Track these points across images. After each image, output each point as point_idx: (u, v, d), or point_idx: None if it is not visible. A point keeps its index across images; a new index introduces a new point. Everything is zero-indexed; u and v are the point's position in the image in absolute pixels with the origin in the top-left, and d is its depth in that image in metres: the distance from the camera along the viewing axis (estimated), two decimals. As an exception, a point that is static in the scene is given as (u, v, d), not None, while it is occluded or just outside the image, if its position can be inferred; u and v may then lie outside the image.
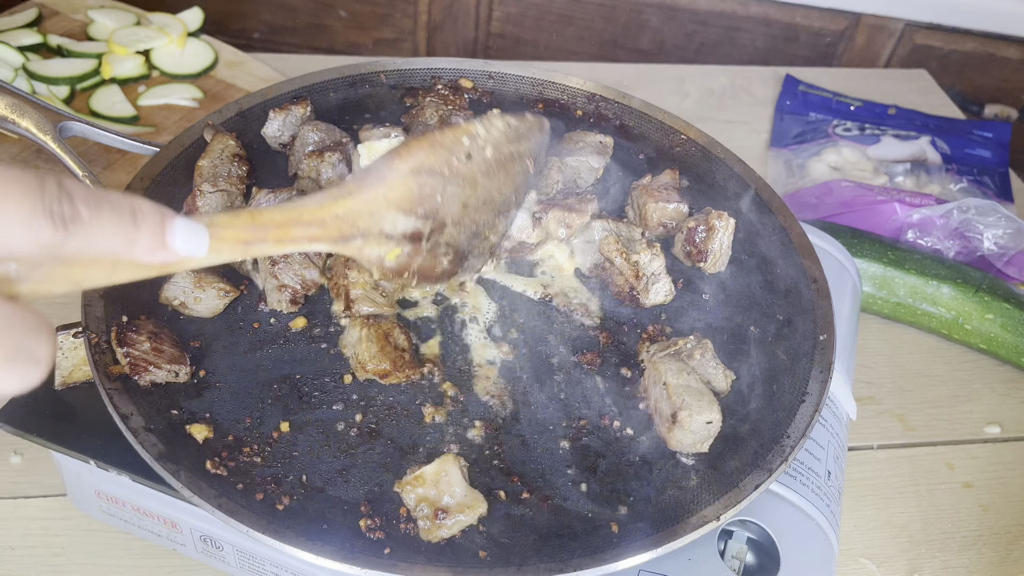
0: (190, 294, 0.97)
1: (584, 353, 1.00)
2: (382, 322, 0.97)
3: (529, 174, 1.00)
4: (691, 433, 0.89)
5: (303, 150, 1.16)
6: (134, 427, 0.84)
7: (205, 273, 0.98)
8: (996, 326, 1.39)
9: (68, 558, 1.03)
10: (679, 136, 1.30)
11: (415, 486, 0.82)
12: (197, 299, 0.97)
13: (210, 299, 0.98)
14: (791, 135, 1.89)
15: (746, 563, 0.95)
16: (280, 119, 1.20)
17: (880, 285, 1.43)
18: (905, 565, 1.13)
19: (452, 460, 0.84)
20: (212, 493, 0.80)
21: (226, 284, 0.99)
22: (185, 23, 1.84)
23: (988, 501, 1.22)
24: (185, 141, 1.16)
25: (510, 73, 1.37)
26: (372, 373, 0.93)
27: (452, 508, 0.81)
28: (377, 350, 0.94)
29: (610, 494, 0.87)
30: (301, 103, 1.21)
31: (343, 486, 0.85)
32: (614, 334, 1.03)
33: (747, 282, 1.11)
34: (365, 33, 2.76)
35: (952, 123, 1.96)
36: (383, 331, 0.96)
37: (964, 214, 1.50)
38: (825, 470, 1.03)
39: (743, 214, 1.19)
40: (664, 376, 0.91)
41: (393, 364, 0.94)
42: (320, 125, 1.19)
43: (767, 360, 1.01)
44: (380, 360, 0.93)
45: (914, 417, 1.34)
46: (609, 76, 2.01)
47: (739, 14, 2.58)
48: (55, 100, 1.63)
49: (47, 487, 1.09)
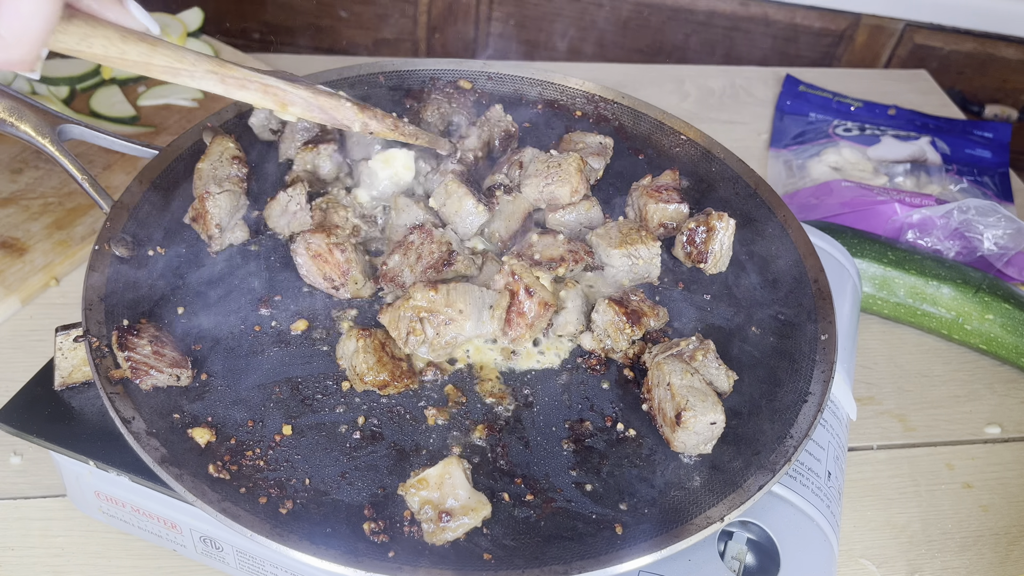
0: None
1: (587, 355, 1.00)
2: (377, 332, 0.95)
3: None
4: (695, 434, 0.89)
5: (294, 138, 1.17)
6: (136, 431, 0.84)
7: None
8: (996, 326, 1.39)
9: (68, 559, 1.03)
10: (679, 136, 1.30)
11: (419, 489, 0.82)
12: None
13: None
14: (791, 135, 1.89)
15: (746, 564, 0.95)
16: (266, 110, 1.20)
17: (880, 285, 1.43)
18: (905, 566, 1.14)
19: (456, 462, 0.84)
20: (216, 497, 0.80)
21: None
22: (185, 23, 1.84)
23: (988, 501, 1.23)
24: (184, 143, 1.16)
25: (510, 73, 1.37)
26: (371, 384, 0.93)
27: (456, 511, 0.81)
28: (375, 361, 0.92)
29: (613, 496, 0.87)
30: None
31: (346, 489, 0.85)
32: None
33: (748, 283, 1.11)
34: (365, 33, 2.76)
35: (952, 123, 1.96)
36: (379, 341, 0.94)
37: (964, 214, 1.50)
38: (825, 471, 1.03)
39: (743, 214, 1.19)
40: (668, 376, 0.91)
41: (391, 374, 0.93)
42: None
43: (769, 360, 1.01)
44: (378, 371, 0.92)
45: (914, 417, 1.34)
46: (609, 76, 2.01)
47: (739, 14, 2.58)
48: (55, 100, 1.63)
49: (47, 487, 1.09)
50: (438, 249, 1.01)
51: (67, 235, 1.40)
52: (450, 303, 0.94)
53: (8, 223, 1.41)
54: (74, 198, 1.46)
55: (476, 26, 2.73)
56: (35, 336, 1.29)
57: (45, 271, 1.35)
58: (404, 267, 1.01)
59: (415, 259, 1.01)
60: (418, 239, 1.02)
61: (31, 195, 1.46)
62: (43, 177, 1.50)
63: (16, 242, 1.38)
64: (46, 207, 1.44)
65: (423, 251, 1.02)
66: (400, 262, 1.02)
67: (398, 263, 1.02)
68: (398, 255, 1.02)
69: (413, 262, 1.01)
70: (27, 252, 1.37)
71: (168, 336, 0.94)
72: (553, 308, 0.98)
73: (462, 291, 0.95)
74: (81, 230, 1.42)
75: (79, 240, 1.40)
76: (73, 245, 1.39)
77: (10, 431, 0.93)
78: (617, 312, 0.99)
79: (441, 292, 0.94)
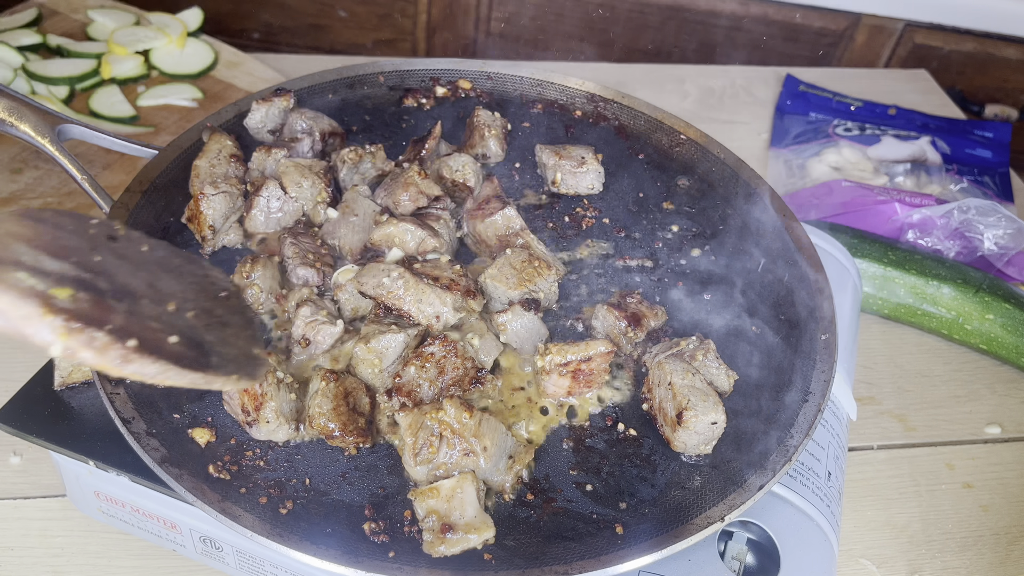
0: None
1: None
2: (347, 379, 0.89)
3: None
4: (695, 434, 0.89)
5: (291, 137, 1.17)
6: (136, 431, 0.84)
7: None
8: (996, 326, 1.39)
9: (68, 559, 1.03)
10: (679, 136, 1.30)
11: (428, 496, 0.82)
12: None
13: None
14: (791, 135, 1.89)
15: (746, 564, 0.95)
16: (263, 110, 1.20)
17: (880, 285, 1.43)
18: (905, 566, 1.14)
19: (471, 480, 0.83)
20: (215, 497, 0.80)
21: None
22: (185, 23, 1.84)
23: (988, 501, 1.22)
24: (184, 143, 1.16)
25: (509, 73, 1.37)
26: (317, 430, 0.86)
27: (459, 526, 0.80)
28: (330, 408, 0.86)
29: (613, 495, 0.87)
30: (284, 95, 1.21)
31: (346, 490, 0.85)
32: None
33: (748, 282, 1.11)
34: (365, 33, 2.76)
35: (952, 123, 1.96)
36: (344, 388, 0.88)
37: (964, 214, 1.50)
38: (825, 471, 1.03)
39: (743, 214, 1.19)
40: (670, 376, 0.91)
41: (343, 426, 0.86)
42: (308, 113, 1.19)
43: (769, 360, 1.01)
44: (330, 418, 0.86)
45: (914, 417, 1.34)
46: (609, 76, 2.01)
47: (739, 14, 2.58)
48: (55, 100, 1.63)
49: (47, 487, 1.09)
50: (463, 365, 0.93)
51: (67, 235, 1.40)
52: (478, 435, 0.85)
53: (8, 223, 1.41)
54: (74, 198, 1.46)
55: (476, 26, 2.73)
56: (35, 336, 1.29)
57: (45, 271, 1.35)
58: (423, 380, 0.91)
59: (436, 373, 0.92)
60: (440, 351, 0.93)
61: (31, 195, 1.46)
62: (43, 177, 1.50)
63: (16, 242, 1.38)
64: (46, 207, 1.44)
65: (446, 365, 0.92)
66: (417, 375, 0.91)
67: (414, 376, 0.91)
68: (414, 367, 0.92)
69: (434, 376, 0.92)
70: (27, 252, 1.37)
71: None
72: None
73: (493, 427, 0.87)
74: (81, 230, 1.41)
75: (79, 240, 1.40)
76: (73, 245, 1.39)
77: (10, 431, 0.93)
78: (617, 316, 0.99)
79: (474, 419, 0.85)
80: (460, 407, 0.85)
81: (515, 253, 1.04)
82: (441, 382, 0.92)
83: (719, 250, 1.15)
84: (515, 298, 1.00)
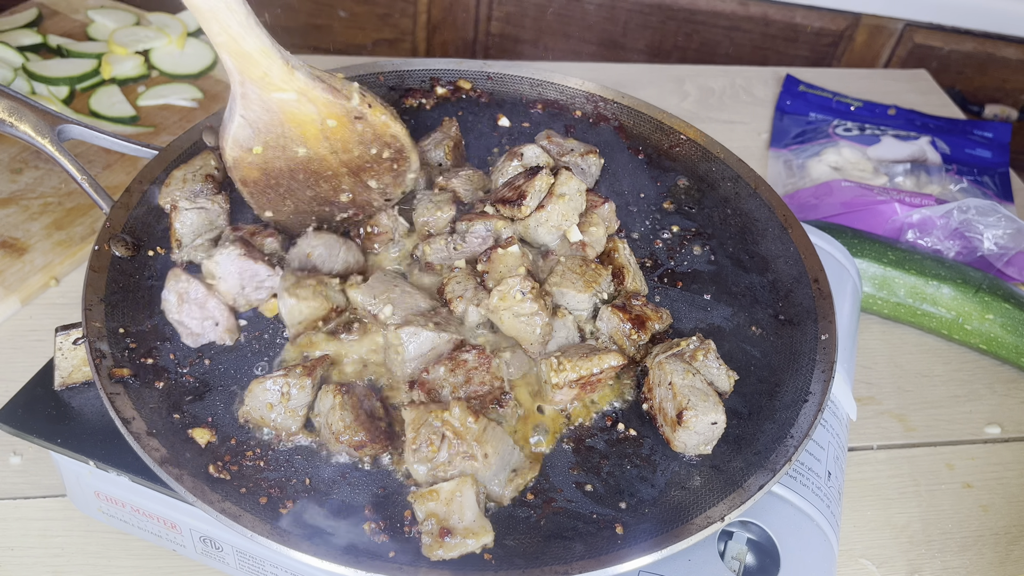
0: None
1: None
2: (356, 388, 0.90)
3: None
4: (696, 434, 0.89)
5: None
6: (136, 431, 0.84)
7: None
8: (996, 326, 1.39)
9: (68, 559, 1.03)
10: (679, 136, 1.30)
11: (427, 499, 0.82)
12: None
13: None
14: (791, 135, 1.89)
15: (746, 564, 0.95)
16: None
17: (880, 285, 1.43)
18: (905, 566, 1.14)
19: (471, 483, 0.82)
20: (216, 498, 0.80)
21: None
22: (185, 23, 1.84)
23: (988, 501, 1.23)
24: (184, 144, 1.16)
25: (509, 73, 1.37)
26: (347, 445, 0.86)
27: (458, 530, 0.80)
28: (352, 419, 0.86)
29: (613, 495, 0.87)
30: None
31: (346, 490, 0.85)
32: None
33: (748, 282, 1.11)
34: (364, 33, 2.76)
35: (952, 123, 1.96)
36: (357, 398, 0.88)
37: (964, 214, 1.50)
38: (825, 471, 1.03)
39: (743, 214, 1.19)
40: (670, 376, 0.91)
41: (369, 434, 0.86)
42: None
43: (769, 360, 1.01)
44: (355, 430, 0.86)
45: (914, 417, 1.34)
46: (609, 76, 2.01)
47: (739, 14, 2.59)
48: (55, 100, 1.63)
49: (47, 487, 1.09)
50: (490, 382, 0.92)
51: (67, 235, 1.40)
52: (481, 440, 0.84)
53: (8, 223, 1.41)
54: (74, 198, 1.46)
55: (476, 26, 2.73)
56: (35, 336, 1.29)
57: (45, 271, 1.35)
58: (446, 384, 0.91)
59: (462, 381, 0.91)
60: (473, 361, 0.92)
61: (31, 195, 1.46)
62: (43, 177, 1.50)
63: (16, 242, 1.38)
64: (46, 207, 1.44)
65: (474, 377, 0.91)
66: (444, 376, 0.91)
67: (441, 377, 0.91)
68: (444, 367, 0.91)
69: (460, 383, 0.91)
70: (27, 252, 1.37)
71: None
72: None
73: (499, 436, 0.86)
74: (81, 230, 1.42)
75: (79, 240, 1.40)
76: (73, 245, 1.39)
77: (10, 431, 0.93)
78: (622, 318, 0.99)
79: (480, 424, 0.85)
80: (467, 410, 0.85)
81: (570, 260, 1.04)
82: (463, 391, 0.91)
83: (719, 250, 1.15)
84: (585, 301, 1.01)
